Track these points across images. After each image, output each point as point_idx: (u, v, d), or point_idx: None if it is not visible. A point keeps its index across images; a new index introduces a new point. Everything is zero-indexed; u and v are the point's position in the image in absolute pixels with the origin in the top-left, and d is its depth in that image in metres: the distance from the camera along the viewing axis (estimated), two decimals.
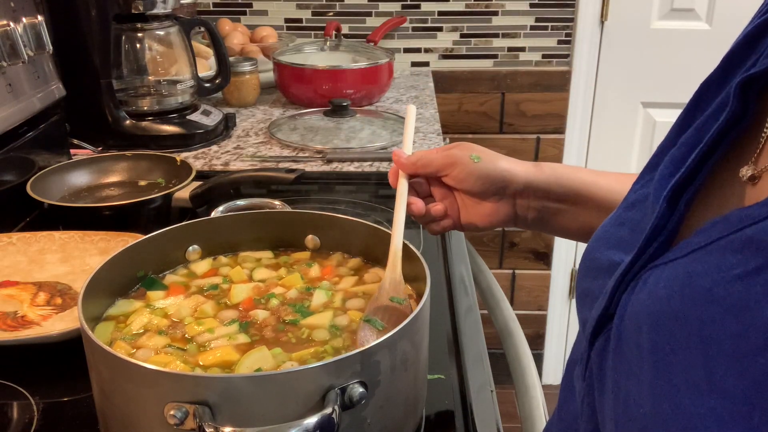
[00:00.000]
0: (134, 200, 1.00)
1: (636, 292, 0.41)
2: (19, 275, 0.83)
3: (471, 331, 0.77)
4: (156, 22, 1.31)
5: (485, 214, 0.75)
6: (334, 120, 1.41)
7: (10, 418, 0.62)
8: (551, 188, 0.73)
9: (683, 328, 0.35)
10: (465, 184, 0.73)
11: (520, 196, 0.74)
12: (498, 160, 0.73)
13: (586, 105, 2.11)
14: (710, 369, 0.33)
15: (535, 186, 0.73)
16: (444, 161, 0.74)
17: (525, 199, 0.74)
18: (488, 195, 0.73)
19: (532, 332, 2.35)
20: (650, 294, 0.39)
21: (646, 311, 0.39)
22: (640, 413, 0.37)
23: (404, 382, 0.56)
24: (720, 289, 0.34)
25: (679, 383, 0.35)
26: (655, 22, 2.02)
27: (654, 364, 0.37)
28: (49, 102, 1.12)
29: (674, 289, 0.37)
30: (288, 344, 0.60)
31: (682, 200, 0.43)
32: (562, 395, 0.53)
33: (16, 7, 1.01)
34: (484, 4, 1.99)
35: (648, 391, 0.37)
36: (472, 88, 2.06)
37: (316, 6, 1.99)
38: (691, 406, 0.34)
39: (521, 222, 0.76)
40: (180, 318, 0.64)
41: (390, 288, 0.65)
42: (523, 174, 0.73)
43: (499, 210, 0.74)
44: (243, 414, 0.48)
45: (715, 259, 0.36)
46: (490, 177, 0.72)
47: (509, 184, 0.73)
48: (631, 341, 0.39)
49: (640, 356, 0.38)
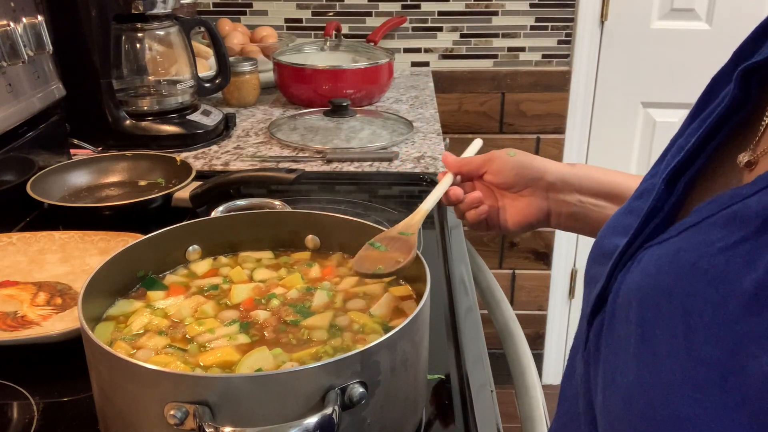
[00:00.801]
0: (134, 200, 1.00)
1: (630, 271, 0.42)
2: (19, 275, 0.83)
3: (471, 331, 0.77)
4: (156, 22, 1.31)
5: (521, 210, 0.80)
6: (334, 120, 1.41)
7: (10, 418, 0.62)
8: (583, 183, 0.76)
9: (668, 301, 0.37)
10: (501, 176, 0.79)
11: (553, 189, 0.78)
12: (533, 156, 0.79)
13: (586, 105, 2.11)
14: (690, 338, 0.34)
15: (568, 179, 0.77)
16: (483, 159, 0.81)
17: (558, 193, 0.78)
18: (522, 186, 0.79)
19: (532, 332, 2.35)
20: (641, 271, 0.41)
21: (636, 287, 0.40)
22: (625, 382, 0.38)
23: (404, 382, 0.56)
24: (703, 262, 0.35)
25: (661, 352, 0.36)
26: (655, 22, 2.02)
27: (640, 335, 0.38)
28: (49, 102, 1.12)
29: (662, 265, 0.39)
30: (288, 345, 0.60)
31: (680, 183, 0.44)
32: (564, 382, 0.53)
33: (16, 7, 1.01)
34: (484, 4, 1.99)
35: (633, 362, 0.38)
36: (472, 88, 2.06)
37: (316, 6, 1.99)
38: (671, 373, 0.35)
39: (555, 217, 0.79)
40: (180, 318, 0.64)
41: (402, 226, 0.73)
42: (555, 167, 0.78)
43: (533, 204, 0.79)
44: (243, 414, 0.48)
45: (702, 235, 0.37)
46: (523, 167, 0.78)
47: (542, 176, 0.77)
48: (621, 316, 0.41)
49: (628, 329, 0.39)
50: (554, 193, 0.78)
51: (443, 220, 1.04)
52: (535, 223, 0.80)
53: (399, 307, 0.66)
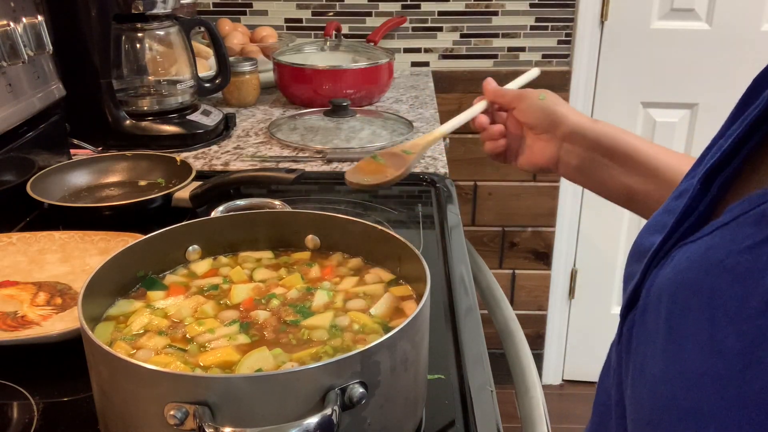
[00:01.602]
0: (134, 200, 1.00)
1: (663, 268, 0.44)
2: (19, 275, 0.83)
3: (471, 331, 0.77)
4: (156, 22, 1.31)
5: (535, 151, 0.84)
6: (334, 120, 1.41)
7: (10, 418, 0.62)
8: (600, 140, 0.78)
9: (696, 297, 0.38)
10: (525, 115, 0.83)
11: (569, 140, 0.80)
12: (560, 104, 0.82)
13: (586, 105, 2.11)
14: (713, 331, 0.35)
15: (585, 133, 0.79)
16: (516, 94, 0.85)
17: (572, 144, 0.80)
18: (541, 130, 0.82)
19: (532, 332, 2.35)
20: (673, 268, 0.42)
21: (668, 283, 0.41)
22: (652, 375, 0.40)
23: (404, 382, 0.56)
24: (731, 260, 0.36)
25: (686, 346, 0.37)
26: (655, 22, 2.02)
27: (668, 329, 0.39)
28: (49, 102, 1.12)
29: (693, 262, 0.40)
30: (288, 345, 0.60)
31: (716, 183, 0.45)
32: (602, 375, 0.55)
33: (16, 7, 1.01)
34: (484, 4, 1.98)
35: (660, 355, 0.39)
36: (472, 88, 2.06)
37: (316, 6, 1.99)
38: (694, 365, 0.36)
39: (563, 167, 0.82)
40: (180, 318, 0.64)
41: (409, 145, 0.77)
42: (576, 119, 0.80)
43: (546, 149, 0.82)
44: (243, 414, 0.48)
45: (732, 233, 0.38)
46: (545, 112, 0.81)
47: (560, 124, 0.80)
48: (652, 311, 0.42)
49: (658, 324, 0.41)
50: (568, 143, 0.80)
51: (443, 220, 1.04)
52: (544, 167, 0.84)
53: (399, 307, 0.66)
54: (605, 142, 0.78)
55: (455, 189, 1.19)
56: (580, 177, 0.82)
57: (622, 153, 0.77)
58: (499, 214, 2.20)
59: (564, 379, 2.46)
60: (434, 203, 1.10)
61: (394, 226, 1.01)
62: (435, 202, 1.11)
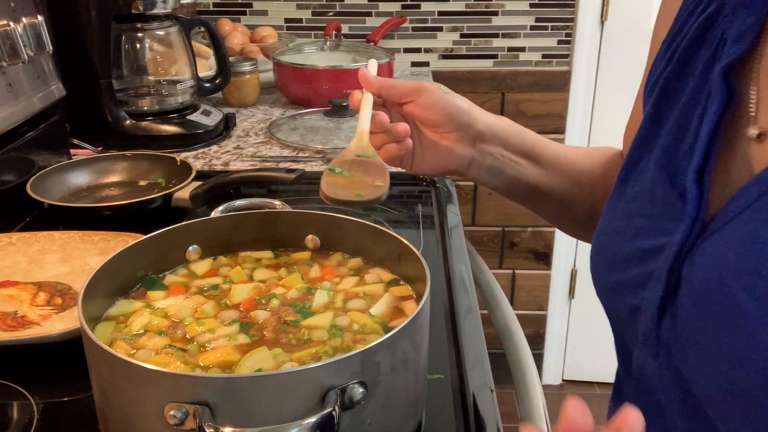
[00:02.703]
0: (134, 200, 1.00)
1: (699, 264, 0.46)
2: (19, 275, 0.83)
3: (471, 331, 0.77)
4: (156, 22, 1.31)
5: (443, 152, 0.73)
6: (334, 120, 1.41)
7: (10, 418, 0.62)
8: (510, 137, 0.75)
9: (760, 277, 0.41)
10: (429, 112, 0.72)
11: (480, 139, 0.73)
12: (467, 101, 0.75)
13: (586, 105, 2.11)
14: None
15: (496, 131, 0.74)
16: (412, 86, 0.73)
17: (484, 143, 0.74)
18: (450, 129, 0.72)
19: (532, 332, 2.35)
20: (719, 259, 0.44)
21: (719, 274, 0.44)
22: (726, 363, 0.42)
23: (404, 382, 0.56)
24: None
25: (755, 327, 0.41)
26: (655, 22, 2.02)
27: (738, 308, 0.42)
28: (49, 102, 1.12)
29: (741, 248, 0.43)
30: (288, 345, 0.60)
31: (705, 177, 0.48)
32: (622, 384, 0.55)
33: (16, 7, 1.01)
34: (484, 4, 1.98)
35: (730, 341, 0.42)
36: (472, 88, 2.06)
37: (316, 6, 1.99)
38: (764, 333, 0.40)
39: (475, 168, 0.74)
40: (180, 318, 0.64)
41: (355, 149, 0.67)
42: (486, 117, 0.74)
43: (456, 150, 0.73)
44: (243, 414, 0.48)
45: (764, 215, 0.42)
46: (457, 109, 0.73)
47: (474, 123, 0.73)
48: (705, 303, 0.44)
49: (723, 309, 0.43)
50: (480, 143, 0.74)
51: (443, 220, 1.04)
52: (454, 170, 0.75)
53: (399, 307, 0.66)
54: (514, 139, 0.75)
55: (455, 189, 1.19)
56: (488, 177, 0.76)
57: (529, 149, 0.75)
58: (499, 214, 2.20)
59: (564, 379, 2.46)
60: (434, 203, 1.11)
61: (394, 226, 1.01)
62: (435, 202, 1.11)
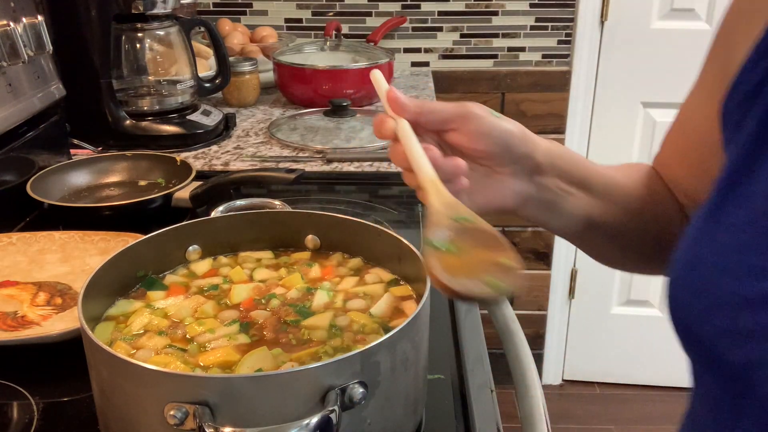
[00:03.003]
0: (134, 200, 1.00)
1: None
2: (19, 275, 0.83)
3: (471, 331, 0.77)
4: (156, 22, 1.31)
5: (494, 189, 0.60)
6: (334, 120, 1.41)
7: (10, 418, 0.62)
8: (565, 165, 0.62)
9: None
10: (479, 141, 0.58)
11: (538, 171, 0.61)
12: (518, 125, 0.60)
13: (586, 105, 2.11)
14: None
15: (555, 161, 0.62)
16: (456, 110, 0.58)
17: (542, 176, 0.61)
18: (506, 163, 0.59)
19: (532, 332, 2.35)
20: None
21: None
22: None
23: (404, 382, 0.56)
24: None
25: None
26: (655, 22, 2.02)
27: None
28: (49, 102, 1.12)
29: None
30: (288, 345, 0.60)
31: None
32: None
33: (16, 7, 1.01)
34: (484, 4, 1.98)
35: None
36: (472, 88, 2.06)
37: (316, 6, 1.99)
38: None
39: (532, 206, 0.62)
40: (180, 318, 0.64)
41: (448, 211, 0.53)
42: (545, 146, 0.61)
43: (511, 187, 0.60)
44: (243, 414, 0.48)
45: None
46: (515, 138, 0.59)
47: (532, 154, 0.60)
48: None
49: None
50: (539, 176, 0.61)
51: None
52: (509, 209, 0.62)
53: (399, 307, 0.66)
54: (569, 168, 0.63)
55: None
56: (546, 215, 0.63)
57: (582, 176, 0.63)
58: None
59: (564, 379, 2.46)
60: None
61: (394, 226, 1.01)
62: None
